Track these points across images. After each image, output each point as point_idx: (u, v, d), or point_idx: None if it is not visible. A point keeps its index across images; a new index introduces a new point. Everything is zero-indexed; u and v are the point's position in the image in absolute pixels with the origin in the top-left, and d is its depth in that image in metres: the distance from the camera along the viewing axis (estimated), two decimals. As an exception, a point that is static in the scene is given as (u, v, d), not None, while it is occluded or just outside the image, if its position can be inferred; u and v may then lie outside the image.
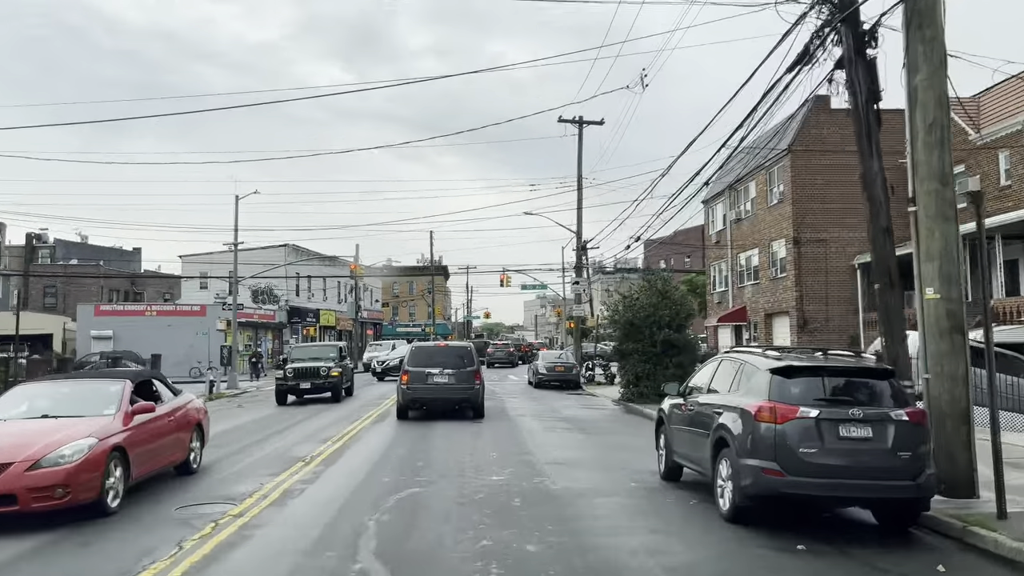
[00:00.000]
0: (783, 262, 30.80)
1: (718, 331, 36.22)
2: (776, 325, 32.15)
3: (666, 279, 24.31)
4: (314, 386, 23.59)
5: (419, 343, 21.13)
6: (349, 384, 25.90)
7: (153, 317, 49.40)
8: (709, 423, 8.75)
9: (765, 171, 31.57)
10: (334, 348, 26.66)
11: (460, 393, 18.58)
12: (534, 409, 22.08)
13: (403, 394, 18.60)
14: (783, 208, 30.44)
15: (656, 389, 22.68)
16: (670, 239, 64.24)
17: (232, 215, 35.34)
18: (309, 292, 62.80)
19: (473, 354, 19.08)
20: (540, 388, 31.78)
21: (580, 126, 40.30)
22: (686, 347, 23.25)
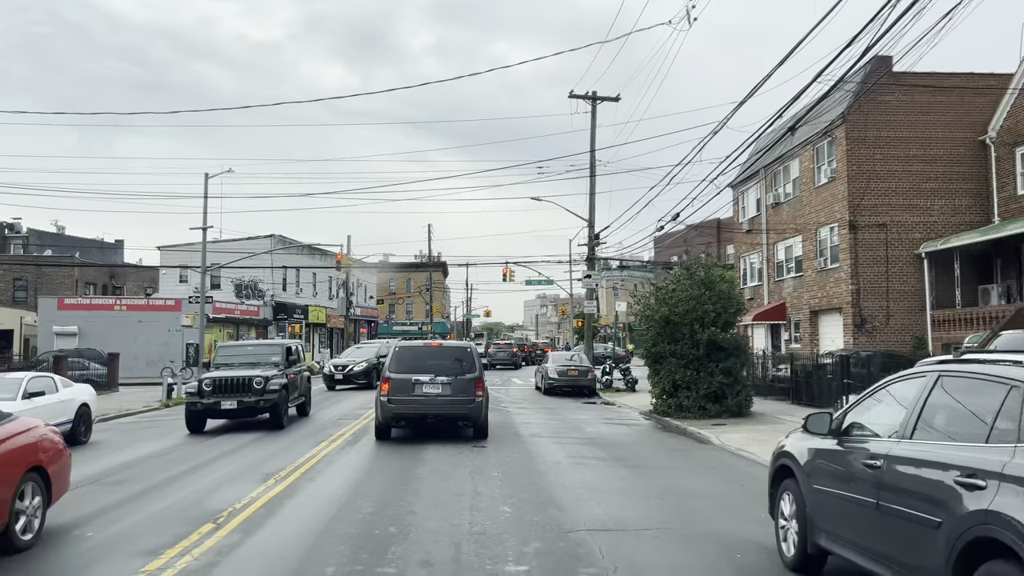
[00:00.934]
0: (834, 251, 26.52)
1: (751, 331, 31.96)
2: (824, 324, 27.85)
3: (708, 266, 20.01)
4: (243, 406, 16.24)
5: (405, 342, 16.85)
6: (303, 400, 19.12)
7: (123, 312, 45.09)
8: (942, 501, 4.46)
9: (811, 146, 27.29)
10: (278, 349, 18.41)
11: (457, 408, 14.31)
12: (549, 425, 17.80)
13: (383, 408, 14.32)
14: (835, 188, 26.16)
15: (699, 401, 18.49)
16: (683, 234, 60.16)
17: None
18: (297, 287, 58.52)
19: (474, 357, 14.80)
20: (550, 395, 27.54)
21: (593, 103, 36.24)
22: (735, 349, 18.97)
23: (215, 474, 11.17)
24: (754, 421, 17.74)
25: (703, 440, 15.34)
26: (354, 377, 29.48)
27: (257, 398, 16.25)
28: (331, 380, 29.97)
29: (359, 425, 17.14)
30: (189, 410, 16.41)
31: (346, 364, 30.04)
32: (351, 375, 29.61)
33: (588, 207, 36.30)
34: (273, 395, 16.41)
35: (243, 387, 16.33)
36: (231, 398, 16.21)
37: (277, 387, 16.65)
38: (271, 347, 19.04)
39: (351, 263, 37.98)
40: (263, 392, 16.31)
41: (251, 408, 16.41)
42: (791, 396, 21.43)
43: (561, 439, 15.25)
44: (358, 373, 29.63)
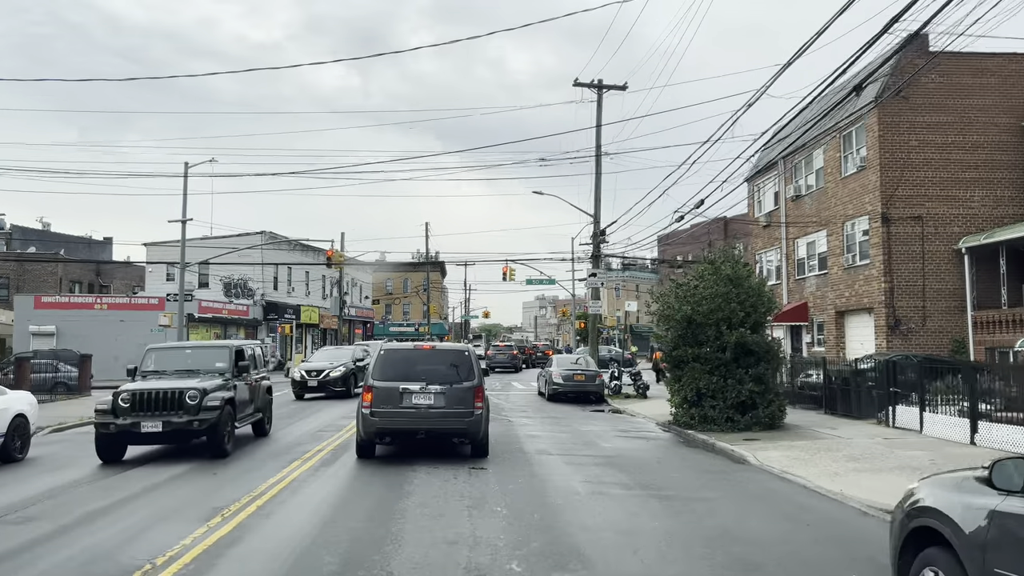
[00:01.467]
0: (864, 246, 24.43)
1: (770, 332, 29.82)
2: (851, 325, 25.76)
3: (736, 259, 17.90)
4: (171, 428, 12.25)
5: (391, 344, 14.21)
6: (260, 416, 15.38)
7: (103, 311, 43.03)
8: None
9: (838, 133, 25.20)
10: (223, 352, 14.24)
11: (452, 422, 12.17)
12: (558, 439, 15.67)
13: (365, 422, 12.19)
14: (865, 177, 24.07)
15: (726, 411, 16.37)
16: (689, 232, 58.05)
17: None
18: (289, 286, 56.37)
19: (472, 362, 12.66)
20: (555, 401, 25.41)
21: (599, 91, 34.22)
22: (767, 353, 16.86)
23: (149, 508, 9.03)
24: (790, 435, 15.62)
25: (738, 459, 13.23)
26: (331, 384, 25.37)
27: (190, 418, 12.26)
28: (302, 388, 25.41)
29: (337, 441, 14.96)
30: (99, 433, 12.47)
31: (321, 369, 25.66)
32: (327, 382, 25.34)
33: (593, 201, 34.33)
34: (211, 413, 12.40)
35: (172, 403, 12.35)
36: (154, 418, 12.24)
37: (218, 403, 12.59)
38: (215, 350, 14.70)
39: (342, 259, 35.82)
40: (198, 409, 12.32)
41: (181, 431, 12.41)
42: (824, 405, 19.33)
43: (574, 457, 13.12)
44: (335, 380, 25.43)
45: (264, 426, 15.76)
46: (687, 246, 62.61)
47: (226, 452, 12.78)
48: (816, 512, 9.21)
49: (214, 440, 12.65)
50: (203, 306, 45.23)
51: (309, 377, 25.38)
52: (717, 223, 59.55)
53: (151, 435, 12.47)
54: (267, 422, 15.98)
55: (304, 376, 25.56)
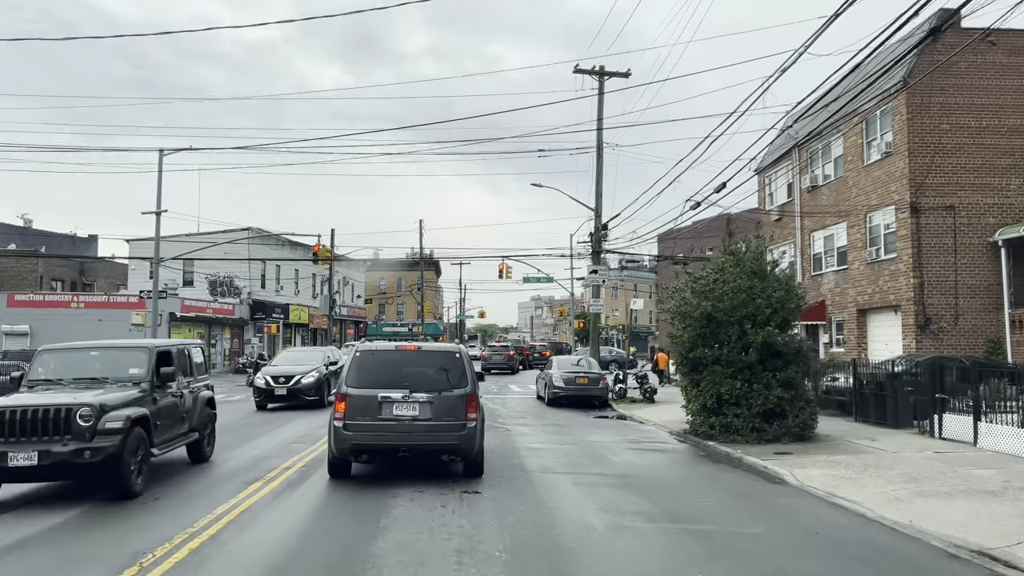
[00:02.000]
0: (890, 239, 22.61)
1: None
2: (875, 324, 23.95)
3: (758, 250, 16.05)
4: (51, 460, 8.89)
5: (367, 344, 11.90)
6: (197, 437, 11.96)
7: (80, 310, 41.07)
8: None
9: (860, 117, 23.37)
10: (141, 356, 10.95)
11: (440, 437, 10.30)
12: (563, 451, 13.80)
13: (337, 437, 10.31)
14: (892, 164, 22.25)
15: (751, 420, 14.53)
16: (689, 230, 56.26)
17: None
18: (278, 284, 54.43)
19: (465, 365, 10.77)
20: (555, 406, 23.57)
21: (600, 78, 32.48)
22: (796, 354, 15.01)
23: (62, 551, 7.15)
24: (825, 448, 13.78)
25: (774, 478, 11.39)
26: (302, 392, 21.52)
27: (80, 445, 8.86)
28: (266, 396, 21.49)
29: (309, 457, 13.07)
30: None
31: (290, 375, 21.71)
32: (299, 389, 21.49)
33: (595, 195, 32.52)
34: (111, 439, 9.04)
35: (55, 425, 8.98)
36: (27, 446, 8.82)
37: (121, 423, 9.21)
38: (130, 352, 11.20)
39: (329, 254, 33.89)
40: (92, 433, 8.95)
41: (65, 465, 8.93)
42: (854, 412, 17.51)
43: (583, 476, 11.27)
44: (308, 387, 21.58)
45: (203, 449, 12.19)
46: (688, 244, 60.78)
47: (133, 491, 9.38)
48: (891, 553, 7.40)
49: (115, 476, 9.14)
50: (186, 305, 43.28)
51: (276, 384, 21.42)
52: (719, 220, 57.82)
53: (21, 471, 8.87)
54: (207, 443, 12.43)
55: (270, 383, 21.53)
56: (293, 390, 21.51)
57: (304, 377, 21.78)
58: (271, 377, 21.78)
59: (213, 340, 46.45)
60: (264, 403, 21.61)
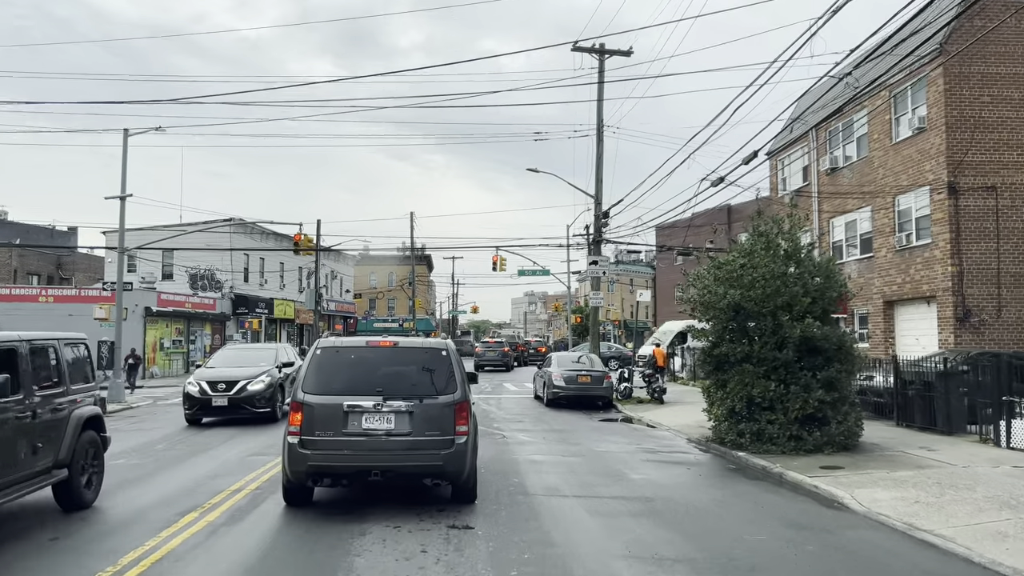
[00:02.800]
0: (922, 223, 20.59)
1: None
2: (904, 317, 21.94)
3: (792, 231, 13.96)
4: None
5: (330, 339, 9.15)
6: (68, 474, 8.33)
7: (49, 304, 38.73)
8: None
9: (888, 91, 21.34)
10: None
11: (421, 457, 8.16)
12: (570, 466, 11.70)
13: (292, 457, 8.17)
14: (925, 141, 20.22)
15: (788, 427, 12.48)
16: (688, 222, 54.31)
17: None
18: (262, 278, 52.17)
19: (453, 365, 8.65)
20: (555, 407, 21.52)
21: (601, 57, 30.43)
22: (839, 350, 12.95)
23: None
24: (878, 460, 11.74)
25: (830, 501, 9.33)
26: (250, 402, 16.77)
27: None
28: (200, 407, 16.80)
29: (245, 491, 10.92)
30: None
31: (233, 379, 16.84)
32: (244, 399, 16.73)
33: (594, 180, 30.46)
34: None
35: None
36: None
37: None
38: None
39: (311, 243, 31.68)
40: None
41: None
42: (896, 416, 15.50)
43: (598, 502, 9.18)
44: (256, 396, 16.82)
45: (77, 490, 8.51)
46: (688, 237, 58.75)
47: None
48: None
49: None
50: (163, 299, 40.99)
51: (214, 392, 16.68)
52: (720, 212, 55.90)
53: None
54: (88, 482, 8.78)
55: (205, 390, 16.74)
56: (236, 400, 16.65)
57: (251, 383, 16.87)
58: (207, 383, 16.86)
59: (192, 336, 44.25)
60: (197, 416, 16.95)
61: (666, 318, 67.96)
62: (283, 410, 16.88)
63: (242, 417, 16.84)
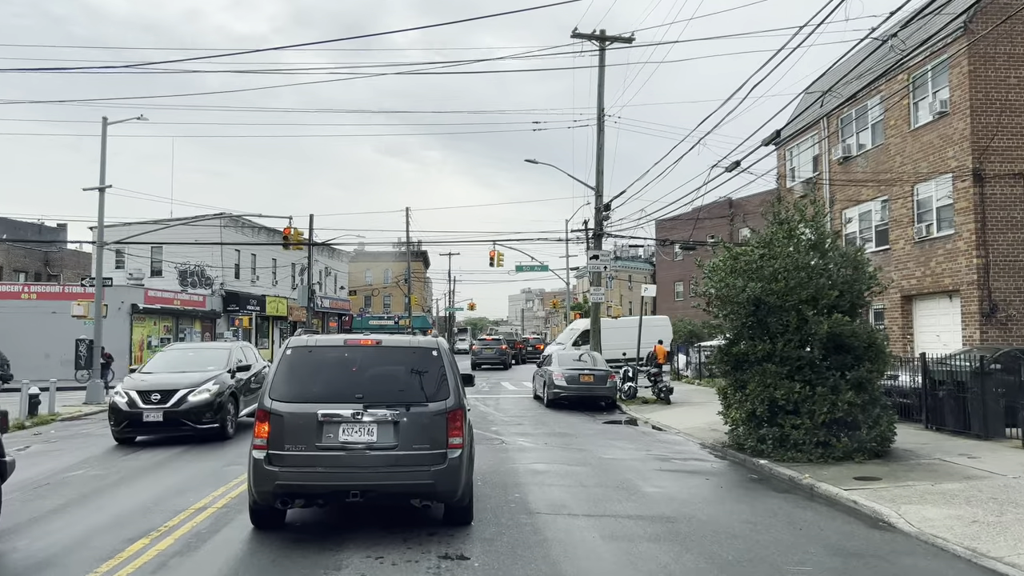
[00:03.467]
0: (944, 213, 19.50)
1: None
2: (923, 313, 20.85)
3: (816, 217, 12.84)
4: None
5: (302, 338, 7.81)
6: None
7: (32, 301, 37.53)
8: None
9: (907, 74, 20.22)
10: None
11: (408, 475, 7.01)
12: (576, 477, 10.57)
13: (258, 475, 7.03)
14: (948, 126, 19.11)
15: (815, 432, 11.37)
16: (691, 215, 53.20)
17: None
18: (254, 274, 51.00)
19: (446, 367, 7.51)
20: (556, 408, 20.45)
21: (601, 44, 29.33)
22: (869, 348, 11.84)
23: None
24: (916, 469, 10.63)
25: (874, 519, 8.22)
26: (189, 416, 13.58)
27: None
28: (129, 423, 13.56)
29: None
30: None
31: (170, 388, 13.70)
32: (183, 412, 13.54)
33: (595, 171, 29.34)
34: None
35: None
36: None
37: None
38: None
39: (300, 236, 30.47)
40: None
41: None
42: (925, 418, 14.40)
43: (612, 521, 8.05)
44: (198, 408, 13.63)
45: None
46: (691, 230, 57.59)
47: None
48: None
49: None
50: (150, 295, 39.81)
51: (146, 405, 13.45)
52: (720, 206, 54.82)
53: None
54: None
55: (136, 402, 13.49)
56: (174, 414, 13.45)
57: (194, 392, 13.66)
58: (139, 393, 13.60)
59: (181, 334, 43.04)
60: (127, 435, 13.76)
61: (666, 313, 66.92)
62: (240, 423, 14.89)
63: (183, 435, 13.76)
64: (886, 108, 21.71)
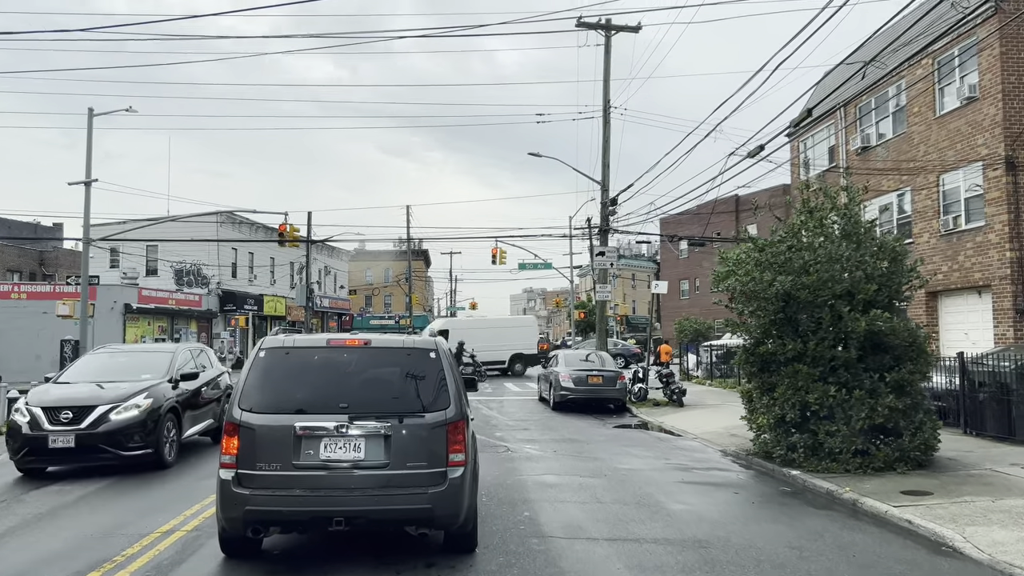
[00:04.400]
0: (974, 203, 18.46)
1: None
2: (950, 309, 19.82)
3: (849, 205, 11.80)
4: None
5: (278, 337, 6.65)
6: None
7: (21, 300, 36.60)
8: None
9: (931, 59, 19.17)
10: None
11: (402, 498, 5.98)
12: (592, 491, 9.53)
13: (225, 498, 6.01)
14: (979, 111, 18.06)
15: (852, 439, 10.34)
16: (695, 212, 52.22)
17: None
18: (251, 273, 50.00)
19: (446, 371, 6.47)
20: (563, 411, 19.45)
21: (607, 33, 28.45)
22: (910, 347, 10.80)
23: None
24: (971, 483, 9.59)
25: (938, 545, 7.19)
26: (112, 440, 10.49)
27: None
28: (32, 449, 10.51)
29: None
30: None
31: (86, 404, 10.65)
32: (102, 436, 10.43)
33: (600, 165, 28.39)
34: None
35: None
36: None
37: None
38: None
39: (296, 233, 29.47)
40: None
41: None
42: (963, 423, 13.36)
43: (637, 547, 7.02)
44: (125, 429, 10.57)
45: None
46: (695, 227, 56.61)
47: None
48: None
49: None
50: (144, 295, 38.85)
51: (54, 426, 10.44)
52: (727, 203, 53.77)
53: None
54: None
55: (40, 422, 10.49)
56: (90, 437, 10.33)
57: (117, 409, 10.58)
58: (45, 410, 10.56)
59: (177, 334, 42.05)
60: (31, 464, 10.69)
61: (671, 312, 65.92)
62: (194, 443, 12.72)
63: (104, 464, 10.59)
64: (909, 94, 20.65)
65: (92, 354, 13.26)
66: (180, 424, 11.74)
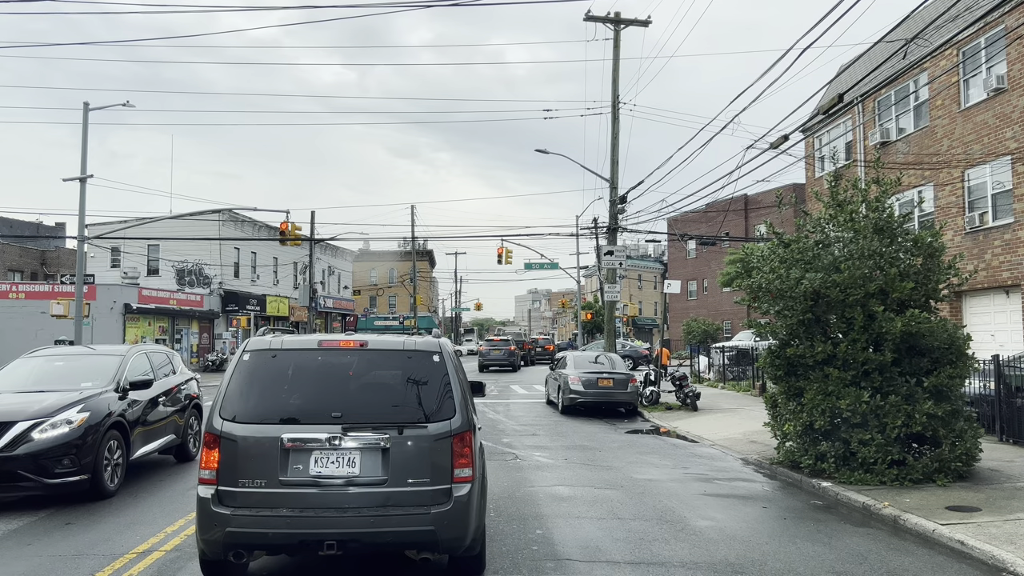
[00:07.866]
0: (1001, 199, 17.72)
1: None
2: (976, 310, 19.07)
3: (881, 197, 11.10)
4: None
5: (265, 337, 5.86)
6: None
7: (20, 300, 36.10)
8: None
9: (956, 49, 18.43)
10: None
11: (401, 519, 5.30)
12: (609, 505, 8.81)
13: (204, 517, 5.33)
14: (1007, 103, 17.33)
15: (887, 450, 9.60)
16: (703, 212, 51.47)
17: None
18: (254, 273, 49.42)
19: (450, 375, 5.75)
20: (572, 415, 18.77)
21: (616, 27, 27.90)
22: (948, 350, 10.06)
23: None
24: (1020, 496, 8.86)
25: (997, 570, 6.47)
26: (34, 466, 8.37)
27: None
28: None
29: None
30: None
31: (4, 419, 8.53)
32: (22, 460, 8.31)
33: (609, 162, 27.79)
34: None
35: None
36: None
37: None
38: None
39: (297, 231, 28.84)
40: None
41: None
42: (999, 430, 12.66)
43: (663, 572, 6.31)
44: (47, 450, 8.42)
45: None
46: (702, 228, 55.88)
47: None
48: None
49: None
50: (144, 295, 38.30)
51: None
52: (735, 203, 53.03)
53: None
54: None
55: None
56: (4, 462, 8.30)
57: (42, 426, 8.60)
58: None
59: (178, 335, 41.52)
60: None
61: (678, 314, 65.15)
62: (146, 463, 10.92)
63: (30, 494, 8.56)
64: (931, 87, 19.91)
65: (25, 358, 10.84)
66: (128, 442, 9.69)
